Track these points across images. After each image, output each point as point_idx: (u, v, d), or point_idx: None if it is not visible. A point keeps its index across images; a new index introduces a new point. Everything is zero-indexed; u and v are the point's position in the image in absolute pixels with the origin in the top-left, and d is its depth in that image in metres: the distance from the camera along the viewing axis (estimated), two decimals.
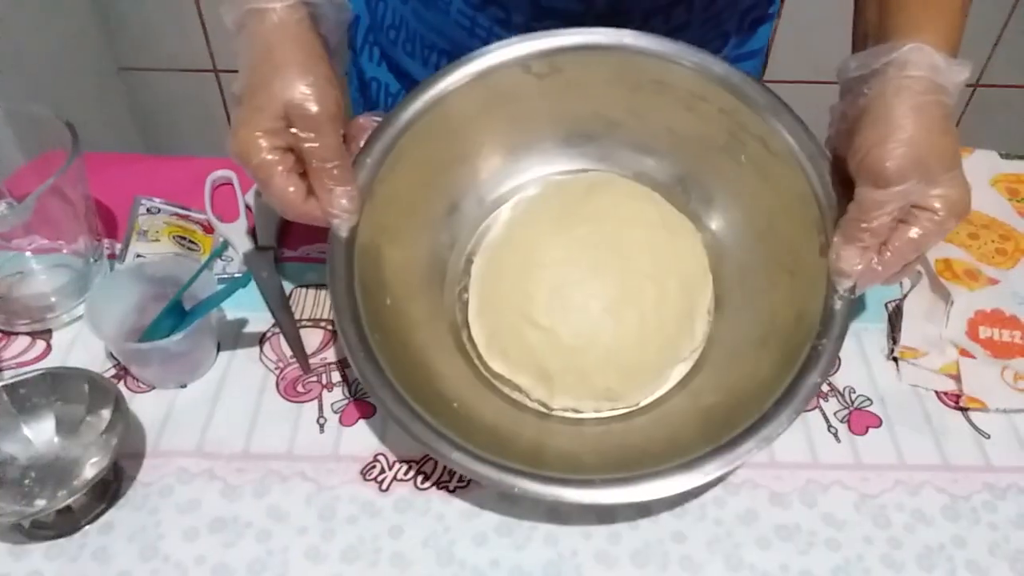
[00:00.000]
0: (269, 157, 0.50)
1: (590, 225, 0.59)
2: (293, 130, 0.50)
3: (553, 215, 0.61)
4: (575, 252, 0.59)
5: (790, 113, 0.57)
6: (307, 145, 0.50)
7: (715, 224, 0.62)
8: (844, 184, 0.53)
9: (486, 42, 0.65)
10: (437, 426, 0.49)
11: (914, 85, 0.48)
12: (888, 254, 0.50)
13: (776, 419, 0.49)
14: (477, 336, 0.59)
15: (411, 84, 0.76)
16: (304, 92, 0.49)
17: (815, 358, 0.51)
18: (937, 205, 0.49)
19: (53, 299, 0.62)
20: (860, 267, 0.51)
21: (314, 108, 0.49)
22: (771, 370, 0.52)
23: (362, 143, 0.56)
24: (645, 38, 0.59)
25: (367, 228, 0.55)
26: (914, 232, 0.49)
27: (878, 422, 0.58)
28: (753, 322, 0.57)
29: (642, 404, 0.57)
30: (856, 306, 0.64)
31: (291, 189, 0.51)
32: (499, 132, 0.63)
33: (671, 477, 0.48)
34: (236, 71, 0.52)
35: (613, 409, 0.57)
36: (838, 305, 0.52)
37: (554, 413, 0.57)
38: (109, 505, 0.52)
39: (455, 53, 0.69)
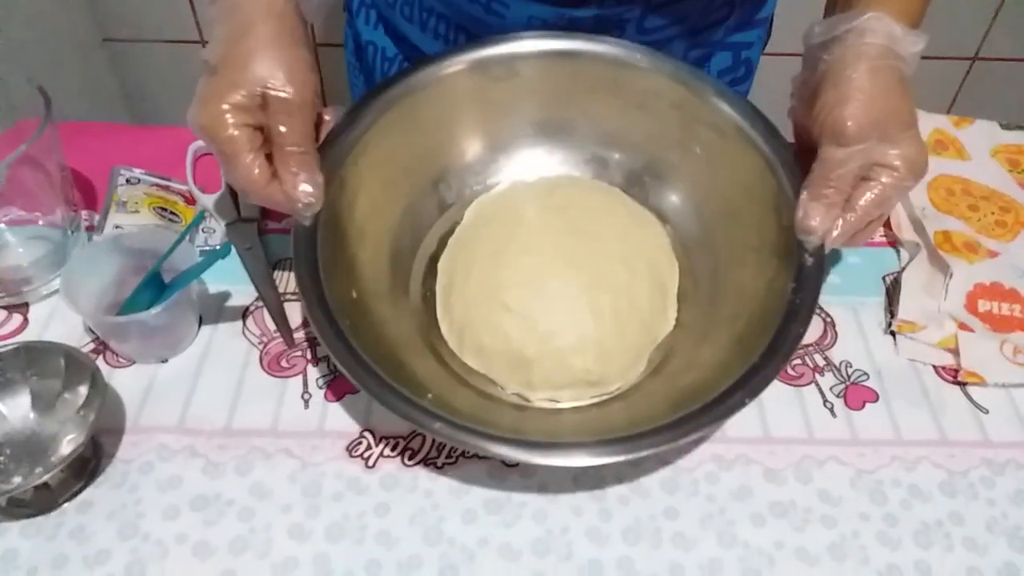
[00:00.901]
0: (236, 133, 0.48)
1: (557, 214, 0.60)
2: (265, 111, 0.49)
3: (519, 209, 0.61)
4: (545, 239, 0.58)
5: (737, 95, 0.60)
6: (280, 128, 0.49)
7: (676, 216, 0.63)
8: (806, 152, 0.54)
9: (486, 8, 0.64)
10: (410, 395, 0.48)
11: (871, 51, 0.51)
12: (851, 214, 0.51)
13: (764, 371, 0.48)
14: (447, 332, 0.58)
15: (408, 49, 0.74)
16: (283, 75, 0.48)
17: (792, 312, 0.50)
18: (897, 163, 0.50)
19: (29, 272, 0.60)
20: (827, 223, 0.51)
21: (290, 92, 0.48)
22: (749, 340, 0.51)
23: (323, 135, 0.56)
24: (599, 43, 0.61)
25: (330, 219, 0.54)
26: (876, 189, 0.51)
27: (875, 397, 0.57)
28: (724, 301, 0.57)
29: (620, 390, 0.55)
30: (828, 263, 0.62)
31: (256, 170, 0.49)
32: (457, 135, 0.64)
33: (665, 434, 0.47)
34: None
35: (592, 397, 0.55)
36: (809, 262, 0.52)
37: (532, 405, 0.55)
38: (87, 483, 0.50)
39: (453, 18, 0.68)
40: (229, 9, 0.49)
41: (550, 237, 0.58)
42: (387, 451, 0.53)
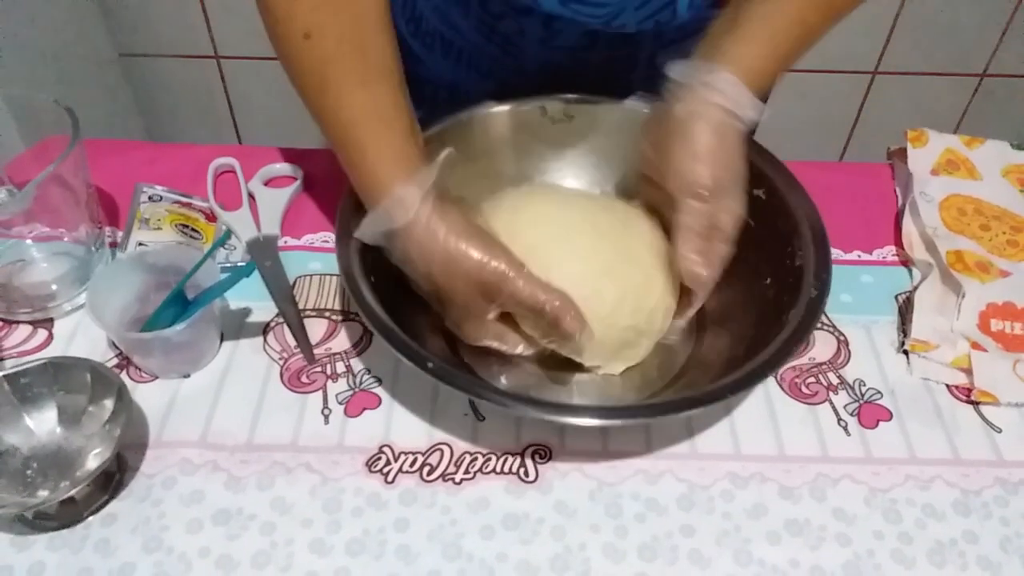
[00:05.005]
0: None
1: (577, 209, 0.60)
2: None
3: (541, 204, 0.61)
4: (561, 229, 0.58)
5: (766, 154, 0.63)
6: None
7: None
8: (647, 182, 0.59)
9: (503, 48, 0.67)
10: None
11: (716, 115, 0.54)
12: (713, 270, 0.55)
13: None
14: None
15: (422, 69, 0.74)
16: None
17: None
18: (737, 214, 0.55)
19: (54, 287, 0.61)
20: (712, 270, 0.55)
21: None
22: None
23: None
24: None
25: None
26: (724, 239, 0.55)
27: (888, 415, 0.57)
28: (729, 333, 0.59)
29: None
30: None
31: None
32: (509, 166, 0.67)
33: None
34: (236, 57, 0.51)
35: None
36: (814, 293, 0.54)
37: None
38: (112, 496, 0.51)
39: (474, 52, 0.69)
40: None
41: (567, 228, 0.58)
42: (406, 467, 0.53)
